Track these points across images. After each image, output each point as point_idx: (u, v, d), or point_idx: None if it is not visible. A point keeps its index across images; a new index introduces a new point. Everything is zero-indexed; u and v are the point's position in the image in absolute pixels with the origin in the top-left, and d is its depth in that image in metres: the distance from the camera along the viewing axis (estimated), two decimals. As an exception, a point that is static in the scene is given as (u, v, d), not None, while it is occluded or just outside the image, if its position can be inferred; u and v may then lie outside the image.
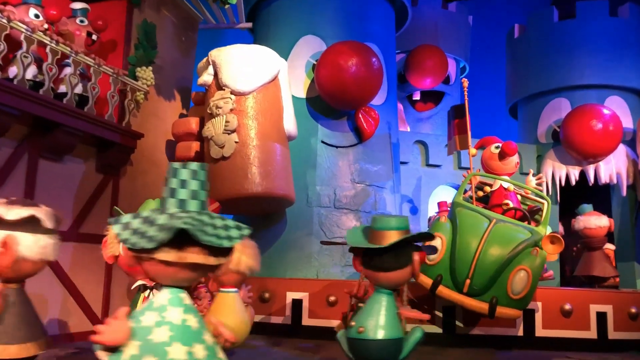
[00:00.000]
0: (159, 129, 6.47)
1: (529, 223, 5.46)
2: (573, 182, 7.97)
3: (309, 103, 6.69)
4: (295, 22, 6.95)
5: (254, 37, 7.44)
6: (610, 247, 7.60)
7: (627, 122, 8.12)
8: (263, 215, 6.39)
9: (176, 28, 6.87)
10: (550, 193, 8.15)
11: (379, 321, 3.45)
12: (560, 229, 8.09)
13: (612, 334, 5.56)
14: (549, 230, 6.15)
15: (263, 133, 5.74)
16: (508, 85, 9.31)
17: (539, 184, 6.25)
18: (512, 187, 5.84)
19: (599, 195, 8.32)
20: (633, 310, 5.66)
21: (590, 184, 7.92)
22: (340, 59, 6.09)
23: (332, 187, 6.52)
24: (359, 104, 6.39)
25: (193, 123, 6.19)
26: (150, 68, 6.03)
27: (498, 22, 9.87)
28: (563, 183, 8.04)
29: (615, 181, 7.86)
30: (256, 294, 5.83)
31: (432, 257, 4.99)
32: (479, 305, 4.83)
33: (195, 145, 6.13)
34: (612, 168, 7.80)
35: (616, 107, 8.11)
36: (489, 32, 10.85)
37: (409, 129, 9.68)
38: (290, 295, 5.74)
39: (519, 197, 5.97)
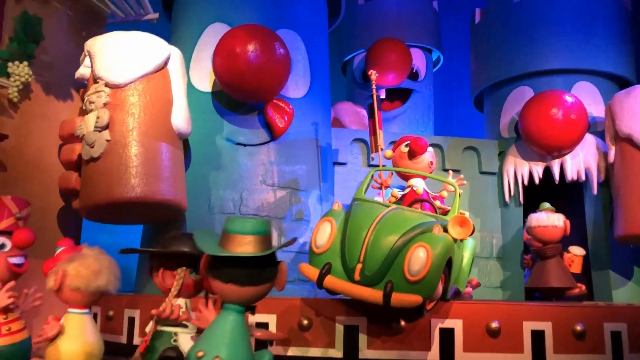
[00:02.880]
0: (48, 132, 5.82)
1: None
2: (537, 180, 7.00)
3: (215, 97, 5.98)
4: (204, 9, 6.29)
5: (170, 28, 6.79)
6: (577, 252, 6.63)
7: (599, 110, 7.11)
8: (157, 222, 5.70)
9: (74, 22, 6.26)
10: (512, 194, 7.20)
11: (224, 343, 2.88)
12: (526, 236, 7.11)
13: (552, 357, 4.60)
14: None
15: (142, 130, 5.05)
16: (472, 76, 8.41)
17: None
18: (420, 190, 5.05)
19: (571, 195, 7.33)
20: (579, 327, 4.69)
21: (556, 182, 6.93)
22: (235, 44, 5.38)
23: (238, 191, 5.75)
24: (261, 96, 5.64)
25: (78, 123, 5.54)
26: (26, 63, 5.43)
27: (470, 9, 8.93)
28: (526, 182, 7.07)
29: (584, 178, 6.86)
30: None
31: (319, 243, 4.23)
32: (372, 294, 3.98)
33: (78, 148, 5.45)
34: (579, 163, 6.79)
35: (586, 94, 7.12)
36: (463, 21, 9.92)
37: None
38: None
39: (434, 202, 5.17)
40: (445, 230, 4.17)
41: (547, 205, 6.51)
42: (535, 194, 7.28)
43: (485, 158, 7.35)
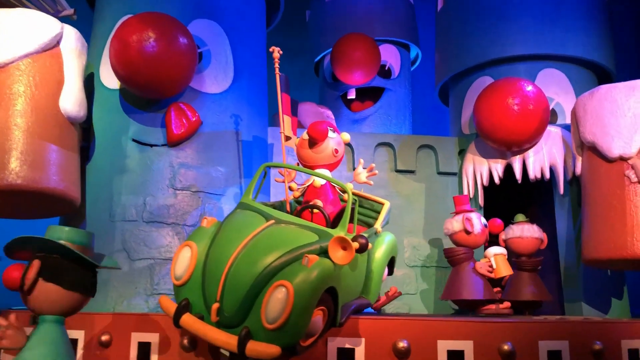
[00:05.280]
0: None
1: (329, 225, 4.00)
2: (497, 180, 6.24)
3: (123, 95, 5.48)
4: (118, 1, 5.84)
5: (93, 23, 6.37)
6: None
7: (569, 100, 6.33)
8: (53, 217, 5.30)
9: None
10: (472, 196, 6.45)
11: None
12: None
13: (472, 383, 3.90)
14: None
15: (22, 112, 4.63)
16: (436, 68, 7.71)
17: (372, 177, 4.68)
18: (321, 183, 4.39)
19: (541, 197, 6.53)
20: (506, 347, 3.96)
21: (519, 181, 6.15)
22: (127, 33, 4.87)
23: (142, 196, 5.20)
24: (163, 89, 5.09)
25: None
26: None
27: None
28: (486, 182, 6.31)
29: (548, 176, 6.07)
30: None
31: (177, 274, 3.59)
32: (227, 341, 3.27)
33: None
34: (543, 159, 6.01)
35: (553, 82, 6.36)
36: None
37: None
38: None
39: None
40: (326, 252, 3.48)
41: (522, 217, 5.79)
42: (503, 196, 6.54)
43: (443, 157, 6.62)
